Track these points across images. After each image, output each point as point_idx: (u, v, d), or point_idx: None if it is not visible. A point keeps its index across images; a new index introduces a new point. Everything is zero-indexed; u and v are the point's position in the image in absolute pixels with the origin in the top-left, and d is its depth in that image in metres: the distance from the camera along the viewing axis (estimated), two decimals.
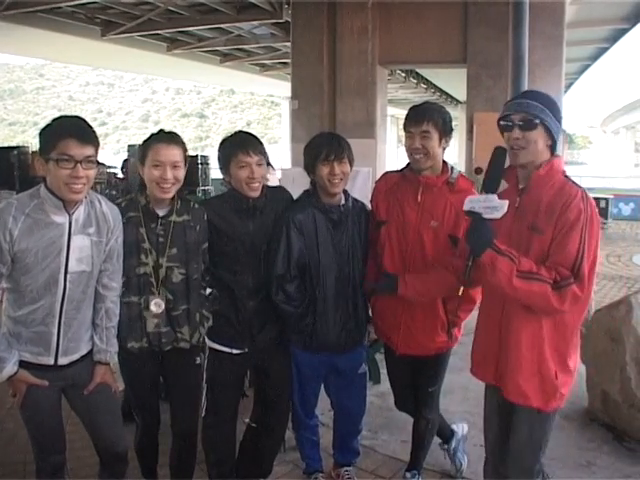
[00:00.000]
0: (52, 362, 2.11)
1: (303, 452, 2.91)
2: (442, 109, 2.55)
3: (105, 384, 2.24)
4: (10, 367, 2.05)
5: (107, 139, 73.16)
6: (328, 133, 2.83)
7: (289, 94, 8.54)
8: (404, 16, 7.62)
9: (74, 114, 2.15)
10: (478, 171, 6.83)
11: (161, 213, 2.36)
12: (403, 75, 14.90)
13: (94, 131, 2.05)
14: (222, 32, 12.11)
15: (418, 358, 2.66)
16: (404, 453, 3.04)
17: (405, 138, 2.56)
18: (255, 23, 11.00)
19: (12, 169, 9.32)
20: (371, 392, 3.42)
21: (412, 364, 2.71)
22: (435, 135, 2.46)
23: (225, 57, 15.06)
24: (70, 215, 2.06)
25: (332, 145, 2.51)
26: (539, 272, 1.95)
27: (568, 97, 25.83)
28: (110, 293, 2.22)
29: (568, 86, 20.11)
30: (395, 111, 26.89)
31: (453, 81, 16.58)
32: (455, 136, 2.60)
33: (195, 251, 2.41)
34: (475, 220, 2.01)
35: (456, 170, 2.60)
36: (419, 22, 7.56)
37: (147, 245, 2.33)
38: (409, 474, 2.85)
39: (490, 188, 2.05)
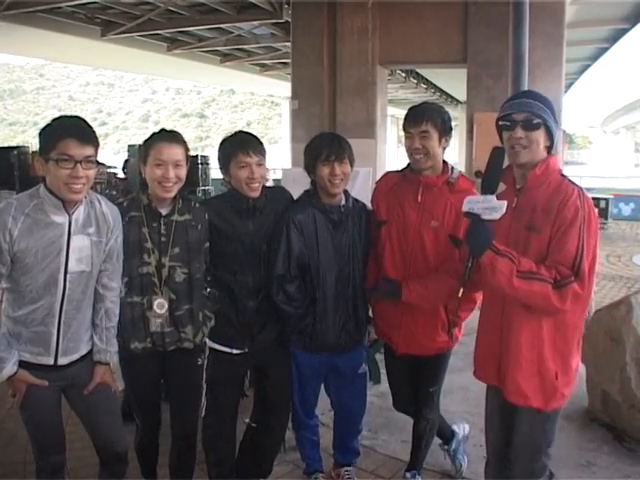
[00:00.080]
0: (52, 362, 2.11)
1: (303, 452, 2.91)
2: (441, 109, 2.55)
3: (105, 384, 2.24)
4: (10, 367, 2.05)
5: (107, 139, 73.15)
6: (329, 133, 2.82)
7: (289, 94, 8.53)
8: (404, 16, 7.61)
9: (74, 114, 2.14)
10: (478, 174, 6.82)
11: (163, 212, 2.36)
12: (403, 75, 14.89)
13: (94, 131, 2.05)
14: (222, 32, 12.11)
15: (418, 358, 2.66)
16: (404, 453, 3.04)
17: (405, 139, 2.56)
18: (255, 23, 11.00)
19: (12, 169, 9.31)
20: (371, 392, 3.42)
21: (412, 364, 2.71)
22: (434, 135, 2.46)
23: (225, 57, 15.06)
24: (70, 215, 2.06)
25: (333, 145, 2.51)
26: (539, 272, 1.94)
27: (568, 97, 25.83)
28: (110, 293, 2.22)
29: (568, 86, 20.12)
30: (395, 111, 26.87)
31: (453, 81, 16.57)
32: (455, 136, 2.60)
33: (197, 250, 2.41)
34: (474, 221, 2.01)
35: (456, 170, 2.60)
36: (419, 22, 7.55)
37: (149, 245, 2.32)
38: (409, 474, 2.85)
39: (488, 189, 2.04)
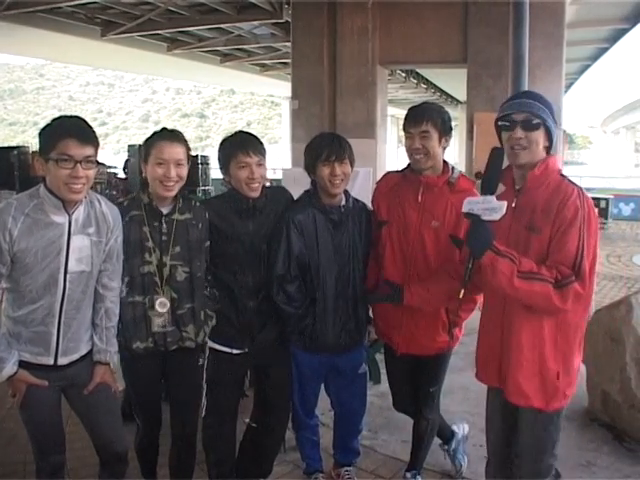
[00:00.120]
0: (52, 362, 2.11)
1: (303, 452, 2.91)
2: (441, 109, 2.55)
3: (105, 384, 2.23)
4: (10, 367, 2.05)
5: (107, 139, 73.16)
6: (329, 133, 2.82)
7: (289, 94, 8.53)
8: (404, 16, 7.61)
9: (74, 114, 2.14)
10: (479, 176, 6.80)
11: (164, 211, 2.36)
12: (403, 75, 14.89)
13: (94, 131, 2.05)
14: (222, 32, 12.11)
15: (419, 358, 2.66)
16: (404, 453, 3.04)
17: (405, 139, 2.56)
18: (255, 23, 11.00)
19: (12, 169, 9.30)
20: (371, 392, 3.42)
21: (412, 364, 2.71)
22: (435, 135, 2.46)
23: (225, 57, 15.06)
24: (70, 215, 2.05)
25: (333, 146, 2.51)
26: (540, 272, 1.94)
27: (568, 97, 25.81)
28: (110, 293, 2.22)
29: (568, 86, 20.11)
30: (395, 111, 26.88)
31: (453, 81, 16.57)
32: (455, 136, 2.60)
33: (198, 249, 2.41)
34: (474, 222, 2.00)
35: (457, 170, 2.59)
36: (419, 22, 7.55)
37: (150, 244, 2.32)
38: (409, 474, 2.85)
39: (488, 189, 2.03)
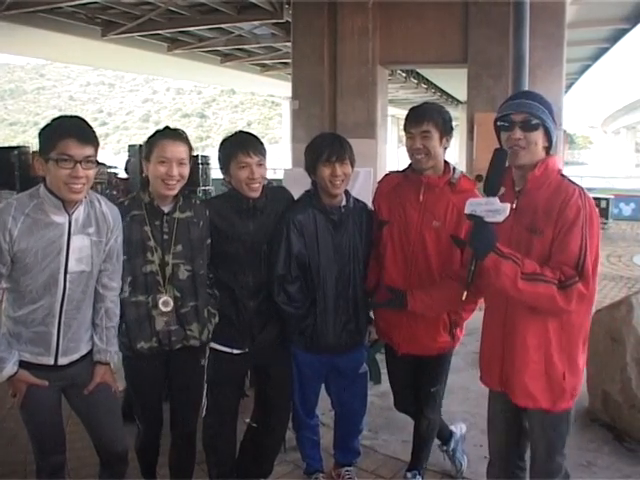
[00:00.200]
0: (52, 362, 2.11)
1: (304, 452, 2.91)
2: (442, 109, 2.55)
3: (105, 384, 2.23)
4: (10, 367, 2.05)
5: (108, 139, 73.18)
6: (329, 134, 2.82)
7: (290, 94, 8.52)
8: (405, 16, 7.60)
9: (74, 114, 2.14)
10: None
11: (165, 210, 2.35)
12: (404, 75, 14.88)
13: (94, 131, 2.05)
14: (223, 32, 12.10)
15: (420, 358, 2.66)
16: (405, 453, 3.04)
17: (406, 139, 2.55)
18: (256, 23, 10.99)
19: (13, 169, 9.28)
20: (372, 392, 3.41)
21: (414, 364, 2.71)
22: (436, 135, 2.46)
23: (226, 57, 15.05)
24: (70, 215, 2.05)
25: (334, 146, 2.51)
26: (543, 273, 1.93)
27: (569, 97, 25.80)
28: (110, 293, 2.22)
29: (569, 86, 20.11)
30: (396, 111, 26.87)
31: (454, 81, 16.56)
32: (455, 137, 2.59)
33: (199, 247, 2.41)
34: (477, 224, 1.98)
35: (458, 170, 2.59)
36: (420, 22, 7.54)
37: (152, 243, 2.32)
38: (410, 474, 2.85)
39: (491, 191, 2.01)
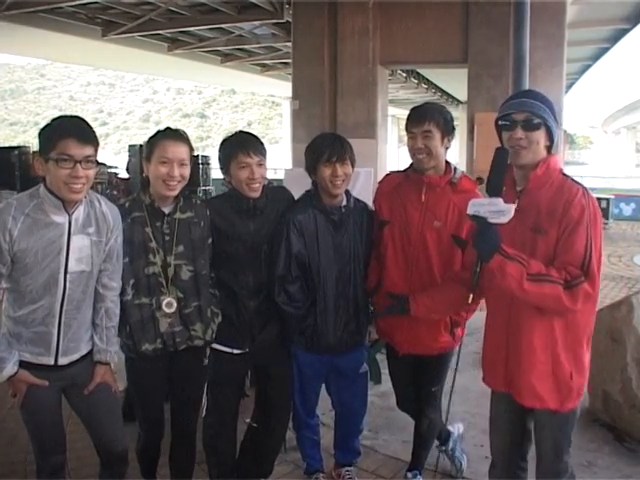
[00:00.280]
0: (52, 362, 2.11)
1: (304, 452, 2.91)
2: (443, 109, 2.55)
3: (105, 384, 2.23)
4: (10, 367, 2.05)
5: (108, 139, 73.17)
6: (330, 134, 2.82)
7: (290, 94, 8.51)
8: (405, 16, 7.59)
9: (74, 114, 2.14)
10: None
11: (166, 211, 2.35)
12: (404, 75, 14.87)
13: (93, 131, 2.05)
14: (223, 32, 12.10)
15: (421, 358, 2.66)
16: (405, 453, 3.04)
17: (407, 139, 2.55)
18: (256, 23, 10.98)
19: (13, 169, 9.28)
20: (372, 392, 3.41)
21: (415, 364, 2.71)
22: (437, 135, 2.46)
23: (226, 57, 15.04)
24: (70, 215, 2.05)
25: (334, 146, 2.51)
26: (549, 273, 1.92)
27: (569, 97, 25.77)
28: (110, 293, 2.22)
29: (569, 86, 20.10)
30: (396, 111, 26.87)
31: (454, 81, 16.55)
32: (456, 137, 2.58)
33: (201, 247, 2.41)
34: (481, 225, 1.96)
35: (459, 170, 2.59)
36: (420, 22, 7.53)
37: (154, 244, 2.32)
38: (410, 474, 2.85)
39: (494, 191, 1.99)
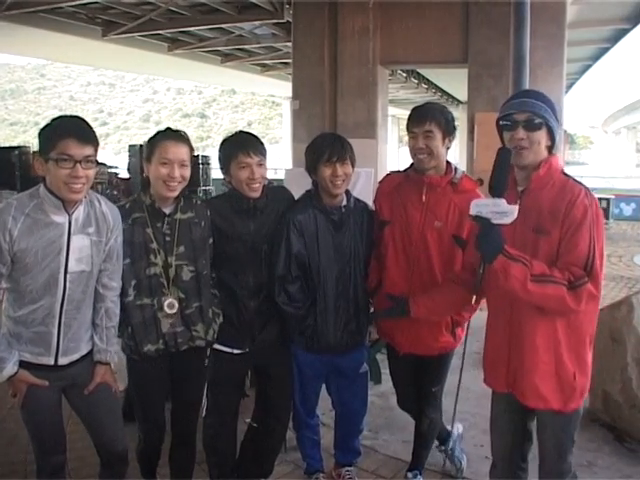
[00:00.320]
0: (52, 362, 2.11)
1: (304, 452, 2.91)
2: (444, 109, 2.55)
3: (105, 384, 2.23)
4: (10, 367, 2.05)
5: (108, 139, 73.18)
6: (330, 134, 2.82)
7: (290, 94, 8.51)
8: (405, 16, 7.59)
9: (74, 114, 2.14)
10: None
11: (167, 211, 2.35)
12: (404, 75, 14.87)
13: (93, 131, 2.05)
14: (223, 32, 12.10)
15: (422, 358, 2.66)
16: (405, 453, 3.04)
17: (408, 139, 2.55)
18: (256, 23, 10.98)
19: (13, 169, 9.29)
20: (372, 392, 3.41)
21: (415, 364, 2.71)
22: (438, 135, 2.46)
23: (226, 57, 15.04)
24: (70, 215, 2.05)
25: (334, 146, 2.50)
26: (552, 274, 1.91)
27: (569, 97, 25.76)
28: (110, 293, 2.22)
29: (569, 86, 20.09)
30: (396, 111, 26.87)
31: (454, 81, 16.55)
32: (456, 137, 2.58)
33: (202, 247, 2.41)
34: (484, 226, 1.94)
35: (460, 170, 2.59)
36: (420, 22, 7.53)
37: (155, 245, 2.32)
38: (410, 474, 2.85)
39: (497, 191, 1.97)
